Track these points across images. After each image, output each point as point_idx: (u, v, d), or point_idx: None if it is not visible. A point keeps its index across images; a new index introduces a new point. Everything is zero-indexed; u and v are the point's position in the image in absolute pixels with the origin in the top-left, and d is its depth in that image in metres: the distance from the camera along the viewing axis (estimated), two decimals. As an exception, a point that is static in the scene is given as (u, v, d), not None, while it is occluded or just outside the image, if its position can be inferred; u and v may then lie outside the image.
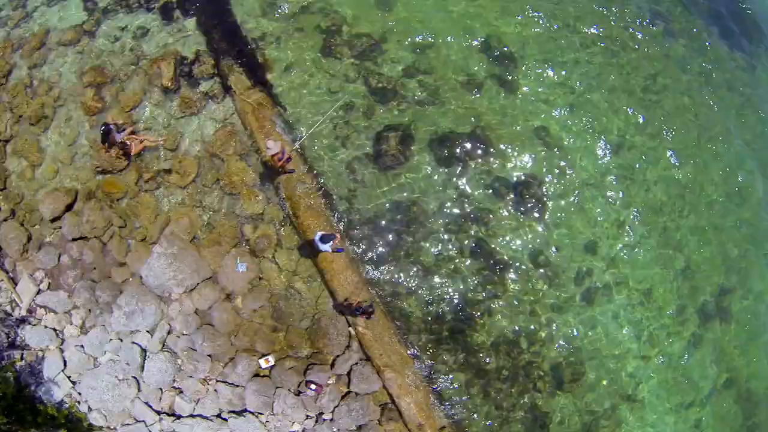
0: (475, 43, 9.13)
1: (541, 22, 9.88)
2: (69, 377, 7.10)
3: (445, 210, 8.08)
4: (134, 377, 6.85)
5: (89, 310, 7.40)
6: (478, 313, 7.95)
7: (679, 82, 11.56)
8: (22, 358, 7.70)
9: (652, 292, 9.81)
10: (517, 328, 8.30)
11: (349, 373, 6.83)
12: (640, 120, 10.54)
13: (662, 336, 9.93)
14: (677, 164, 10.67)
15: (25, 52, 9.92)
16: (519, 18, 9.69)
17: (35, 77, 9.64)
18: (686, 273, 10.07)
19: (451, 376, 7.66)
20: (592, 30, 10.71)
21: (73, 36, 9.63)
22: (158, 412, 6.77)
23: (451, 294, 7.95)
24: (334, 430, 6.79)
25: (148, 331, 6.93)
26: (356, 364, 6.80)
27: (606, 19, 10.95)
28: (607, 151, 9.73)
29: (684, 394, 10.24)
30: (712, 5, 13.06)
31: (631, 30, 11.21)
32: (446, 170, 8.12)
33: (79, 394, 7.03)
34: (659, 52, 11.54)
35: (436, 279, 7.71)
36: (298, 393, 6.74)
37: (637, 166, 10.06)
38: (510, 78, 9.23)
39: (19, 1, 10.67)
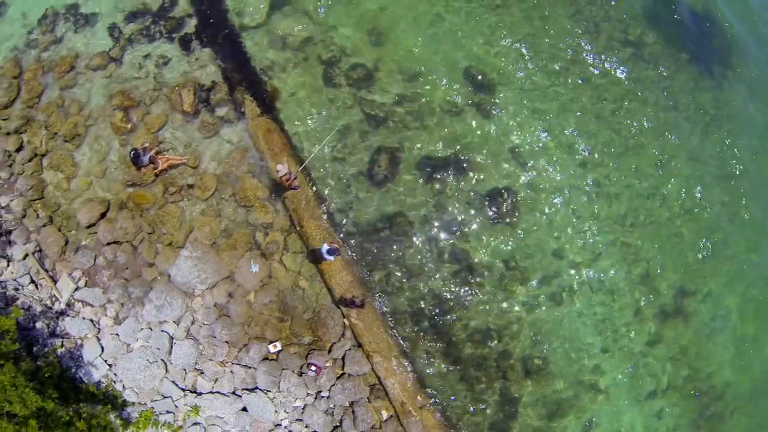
0: (457, 73, 10.90)
1: (518, 52, 11.65)
2: (106, 361, 8.80)
3: (427, 220, 9.84)
4: (163, 360, 8.55)
5: (122, 304, 9.10)
6: (455, 309, 9.70)
7: (646, 104, 13.32)
8: (62, 345, 9.40)
9: (614, 293, 11.55)
10: (489, 323, 10.02)
11: (343, 357, 8.59)
12: (608, 140, 12.32)
13: (623, 333, 11.66)
14: (640, 179, 12.46)
15: (56, 75, 11.63)
16: (498, 50, 11.46)
17: (66, 98, 11.36)
18: (646, 277, 11.81)
19: (430, 363, 9.39)
20: (566, 57, 12.48)
21: (100, 61, 11.35)
22: (183, 389, 8.47)
23: (432, 292, 9.72)
24: (331, 405, 8.51)
25: (174, 322, 8.64)
26: (349, 349, 8.54)
27: (578, 48, 12.71)
28: (575, 168, 11.48)
29: (645, 386, 11.96)
30: (682, 32, 14.83)
31: (602, 56, 12.99)
32: (429, 186, 9.88)
33: (115, 374, 8.72)
34: (629, 77, 13.33)
35: (419, 279, 9.45)
36: (301, 374, 8.47)
37: (603, 181, 11.83)
38: (487, 104, 11.00)
39: (47, 26, 12.37)
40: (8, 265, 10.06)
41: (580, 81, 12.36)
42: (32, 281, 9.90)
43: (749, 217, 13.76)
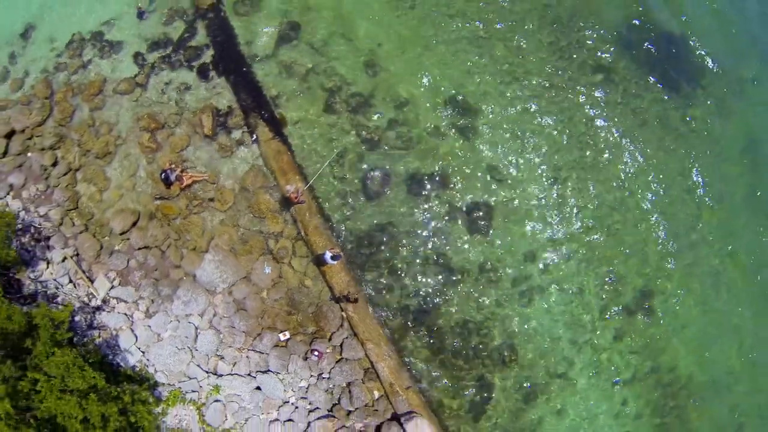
0: (441, 100, 13.01)
1: (497, 80, 13.74)
2: (139, 348, 10.83)
3: (414, 229, 11.97)
4: (189, 347, 10.59)
5: (152, 300, 11.15)
6: (438, 305, 11.79)
7: (615, 123, 15.40)
8: (99, 336, 11.42)
9: (581, 292, 13.66)
10: (468, 317, 12.12)
11: (341, 345, 10.66)
12: (577, 157, 14.44)
13: (589, 329, 13.75)
14: (608, 191, 14.57)
15: (85, 97, 13.68)
16: (479, 78, 13.55)
17: (97, 119, 13.41)
18: (610, 279, 13.91)
19: (416, 351, 11.46)
20: (541, 84, 14.59)
21: (127, 87, 13.41)
22: (206, 372, 10.51)
23: (417, 290, 11.83)
24: (330, 385, 10.58)
25: (199, 315, 10.69)
26: (347, 338, 10.61)
27: (552, 74, 14.82)
28: (546, 183, 13.59)
29: (610, 377, 14.04)
30: (651, 55, 16.92)
31: (574, 81, 15.10)
32: (416, 200, 12.00)
33: (148, 360, 10.75)
34: (599, 99, 15.45)
35: (406, 280, 11.56)
36: (306, 358, 10.53)
37: (572, 193, 13.93)
38: (468, 127, 13.13)
39: (75, 51, 14.41)
40: (48, 267, 12.09)
41: (553, 104, 14.49)
42: (70, 281, 11.93)
43: (711, 226, 15.91)
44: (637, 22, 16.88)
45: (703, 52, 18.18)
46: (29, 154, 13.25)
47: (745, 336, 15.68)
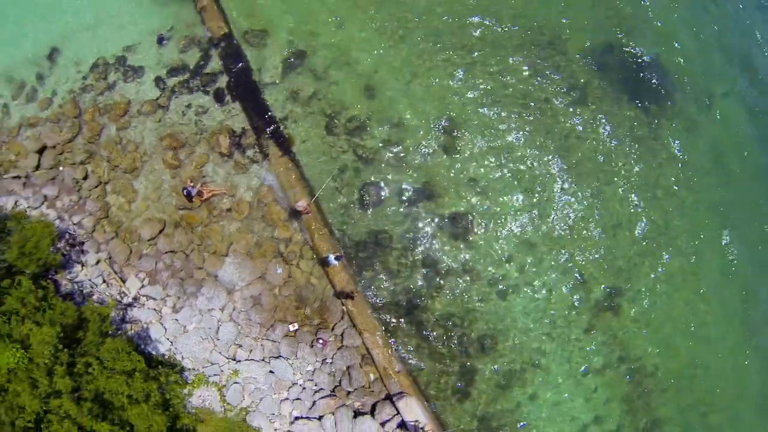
0: (429, 120, 15.36)
1: (480, 102, 16.09)
2: (168, 339, 13.09)
3: (404, 235, 14.32)
4: (212, 337, 12.87)
5: (179, 297, 13.41)
6: (425, 301, 14.13)
7: (588, 139, 17.77)
8: (131, 329, 13.69)
9: (553, 290, 16.03)
10: (452, 312, 14.45)
11: (342, 334, 12.98)
12: (551, 170, 16.82)
13: (561, 322, 16.12)
14: (579, 201, 16.96)
15: (112, 117, 15.92)
16: (464, 100, 15.91)
17: (123, 137, 15.67)
18: (581, 279, 16.28)
19: (406, 340, 13.78)
20: (520, 104, 16.96)
21: (150, 108, 15.67)
22: (227, 358, 12.79)
23: (407, 288, 14.16)
24: (333, 369, 12.88)
25: (220, 309, 12.98)
26: (346, 328, 12.94)
27: (529, 94, 17.21)
28: (521, 194, 15.95)
29: (581, 366, 16.41)
30: (624, 76, 19.20)
31: (551, 102, 17.48)
32: (406, 210, 14.35)
33: (175, 348, 13.02)
34: (574, 117, 17.84)
35: (397, 278, 13.89)
36: (312, 346, 12.83)
37: (545, 203, 16.30)
38: (453, 145, 15.49)
39: (100, 74, 16.65)
40: (83, 269, 14.35)
41: (529, 123, 16.88)
42: (104, 281, 14.17)
43: (678, 230, 18.32)
44: (613, 45, 19.31)
45: (675, 71, 20.61)
46: (61, 168, 15.50)
47: (711, 332, 18.10)
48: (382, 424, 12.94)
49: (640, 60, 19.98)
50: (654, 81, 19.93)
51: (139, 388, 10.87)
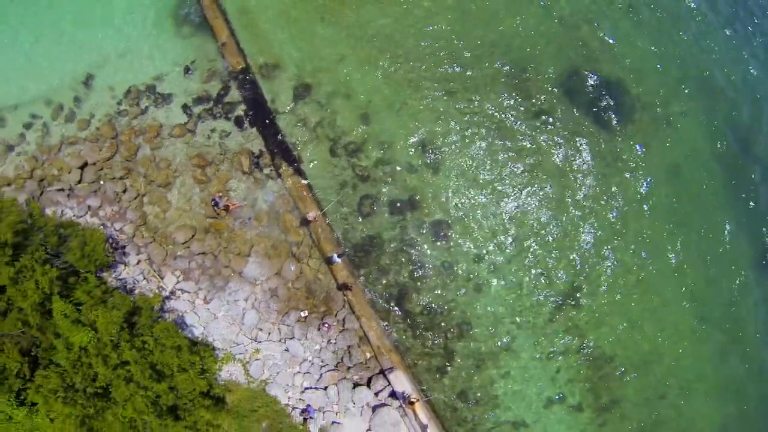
0: (415, 143, 19.14)
1: (459, 125, 19.87)
2: (201, 325, 16.74)
3: (394, 239, 18.04)
4: (237, 323, 16.49)
5: (209, 290, 17.05)
6: (412, 293, 17.83)
7: (554, 155, 21.63)
8: (170, 317, 17.34)
9: (520, 286, 19.81)
10: (434, 301, 18.19)
11: (343, 319, 16.66)
12: (521, 182, 20.65)
13: (528, 312, 19.89)
14: (543, 209, 20.79)
15: (146, 138, 19.54)
16: (445, 125, 19.70)
17: (157, 156, 19.30)
18: (544, 276, 20.11)
19: (396, 324, 17.50)
20: (493, 126, 20.77)
21: (179, 132, 19.31)
22: (250, 339, 16.43)
23: (397, 282, 17.89)
24: (336, 348, 16.58)
25: (244, 300, 16.60)
26: (347, 315, 16.61)
27: (501, 120, 21.00)
28: (494, 203, 19.72)
29: (545, 350, 20.16)
30: (587, 98, 23.08)
31: (520, 122, 21.31)
32: (395, 218, 18.10)
33: (207, 332, 16.64)
34: (540, 137, 21.68)
35: (388, 274, 17.61)
36: (319, 329, 16.50)
37: (515, 210, 20.10)
38: (435, 163, 19.27)
39: (133, 100, 20.25)
40: (125, 268, 17.99)
41: (502, 142, 20.71)
42: (144, 278, 17.80)
43: (631, 234, 22.18)
44: (578, 70, 23.20)
45: (636, 92, 24.50)
46: (102, 182, 19.11)
47: (665, 322, 21.81)
48: (376, 394, 16.68)
49: (602, 83, 23.90)
50: (615, 102, 23.75)
51: (185, 359, 14.56)
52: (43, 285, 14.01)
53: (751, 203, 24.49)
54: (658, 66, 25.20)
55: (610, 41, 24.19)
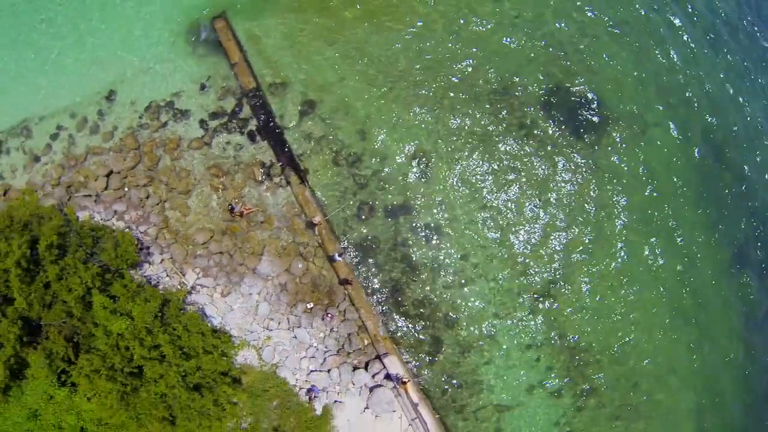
0: (407, 154, 22.10)
1: (448, 138, 22.85)
2: (219, 315, 19.65)
3: (388, 239, 21.01)
4: (252, 313, 19.39)
5: (226, 285, 19.99)
6: (404, 287, 20.73)
7: (534, 165, 24.56)
8: (191, 309, 20.29)
9: (502, 282, 22.76)
10: (424, 295, 21.12)
11: (344, 310, 19.58)
12: (502, 188, 23.62)
13: (509, 305, 22.81)
14: (524, 212, 23.78)
15: (167, 150, 22.45)
16: (435, 137, 22.66)
17: (177, 166, 22.23)
18: (524, 273, 23.09)
19: (390, 315, 20.45)
20: (479, 139, 23.71)
21: (197, 145, 22.21)
22: (263, 328, 19.35)
23: (391, 278, 20.82)
24: (338, 336, 19.49)
25: (257, 293, 19.49)
26: (348, 306, 19.52)
27: (486, 134, 23.97)
28: (479, 209, 22.64)
29: (525, 341, 23.14)
30: (566, 112, 25.95)
31: (504, 136, 24.29)
32: (390, 222, 21.07)
33: (225, 322, 19.52)
34: (522, 149, 24.64)
35: (384, 271, 20.55)
36: (323, 318, 19.41)
37: (496, 215, 23.06)
38: (425, 173, 22.25)
39: (154, 115, 23.15)
40: (150, 266, 20.90)
41: (487, 153, 23.69)
42: (167, 275, 20.75)
43: (606, 234, 25.17)
44: (557, 86, 26.21)
45: (613, 105, 27.50)
46: (126, 189, 22.05)
47: (638, 315, 24.64)
48: (373, 376, 19.64)
49: (581, 97, 26.92)
50: (593, 114, 26.81)
51: (209, 342, 17.51)
52: (87, 280, 16.89)
53: (722, 207, 27.64)
54: (636, 80, 28.14)
55: (587, 58, 27.06)
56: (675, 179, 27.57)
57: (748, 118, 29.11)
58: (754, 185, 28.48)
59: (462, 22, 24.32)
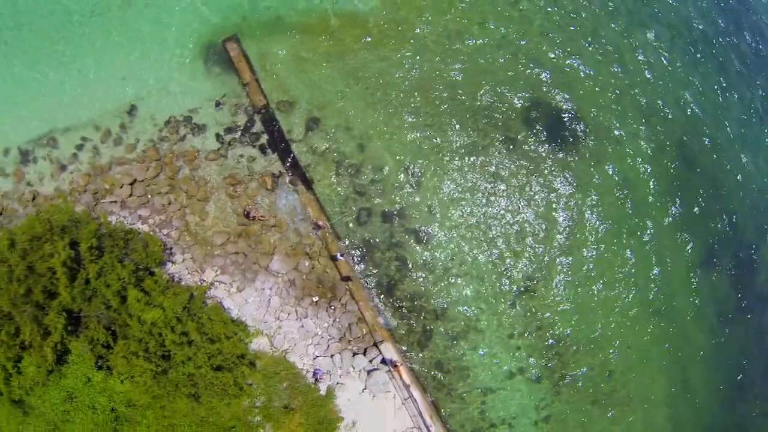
0: (402, 165, 25.59)
1: (438, 151, 26.37)
2: (236, 308, 23.06)
3: (384, 241, 24.48)
4: (264, 306, 22.83)
5: (242, 281, 23.42)
6: (399, 283, 24.09)
7: (515, 175, 28.04)
8: (211, 302, 23.79)
9: (485, 278, 26.31)
10: (417, 290, 24.58)
11: (346, 303, 22.98)
12: (488, 196, 27.16)
13: (492, 299, 26.32)
14: (505, 216, 27.31)
15: (186, 161, 25.91)
16: (426, 149, 26.21)
17: (195, 176, 25.68)
18: (505, 270, 26.65)
19: (386, 307, 23.91)
20: (467, 152, 27.26)
21: (214, 156, 25.65)
22: (274, 318, 22.78)
23: (387, 274, 24.21)
24: (340, 325, 22.87)
25: (269, 288, 22.88)
26: (348, 300, 22.97)
27: (474, 145, 27.51)
28: (465, 213, 26.09)
29: (506, 331, 26.67)
30: (546, 126, 29.48)
31: (488, 149, 27.82)
32: (386, 225, 24.55)
33: (241, 313, 22.94)
34: (505, 161, 28.17)
35: (380, 268, 23.99)
36: (327, 310, 22.82)
37: (483, 217, 26.64)
38: (418, 182, 25.76)
39: (173, 129, 26.60)
40: (173, 265, 24.35)
41: (474, 165, 27.24)
42: (188, 273, 24.21)
43: (583, 237, 28.77)
44: (538, 101, 29.76)
45: (590, 118, 31.02)
46: (149, 196, 25.52)
47: (615, 309, 28.12)
48: (371, 361, 23.12)
49: (561, 111, 30.45)
50: (572, 125, 30.28)
51: (230, 329, 21.03)
52: (124, 276, 20.32)
53: (695, 209, 31.22)
54: (612, 93, 31.69)
55: (567, 72, 30.52)
56: (649, 185, 30.99)
57: (720, 129, 32.60)
58: (724, 190, 31.96)
59: (452, 47, 27.85)
